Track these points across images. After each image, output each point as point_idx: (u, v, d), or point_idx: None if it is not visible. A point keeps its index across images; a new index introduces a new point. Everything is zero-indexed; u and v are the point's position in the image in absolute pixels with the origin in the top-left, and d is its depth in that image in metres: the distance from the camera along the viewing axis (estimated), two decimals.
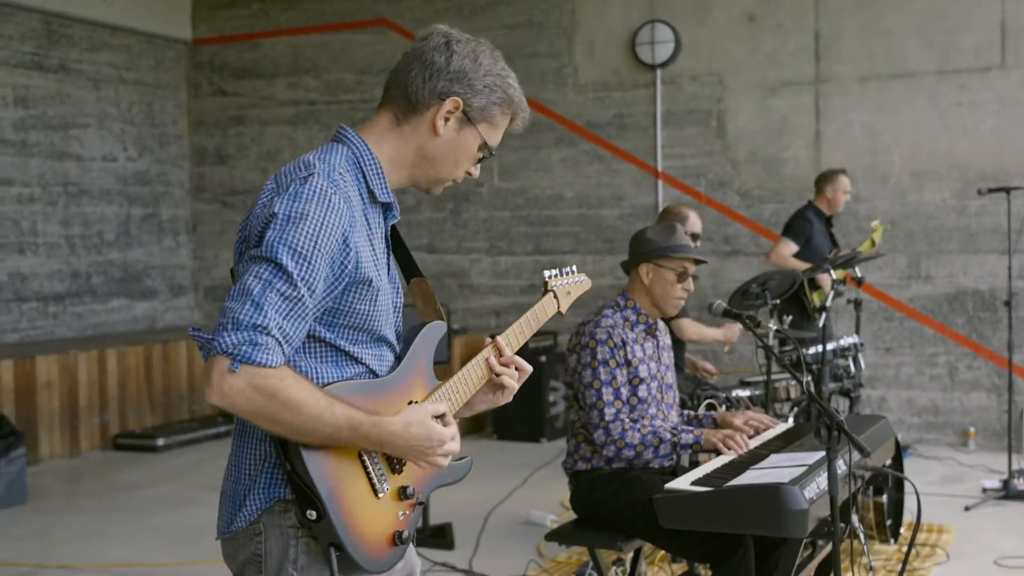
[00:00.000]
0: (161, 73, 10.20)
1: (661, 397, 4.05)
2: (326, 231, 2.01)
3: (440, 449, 2.14)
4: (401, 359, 2.23)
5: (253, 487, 2.11)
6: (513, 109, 2.24)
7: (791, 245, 7.10)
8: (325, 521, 2.02)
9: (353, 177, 2.14)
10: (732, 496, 3.20)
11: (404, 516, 2.16)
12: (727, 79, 8.69)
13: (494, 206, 9.50)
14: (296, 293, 1.98)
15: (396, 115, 2.21)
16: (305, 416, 1.97)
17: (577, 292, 2.70)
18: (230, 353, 1.92)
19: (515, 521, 6.19)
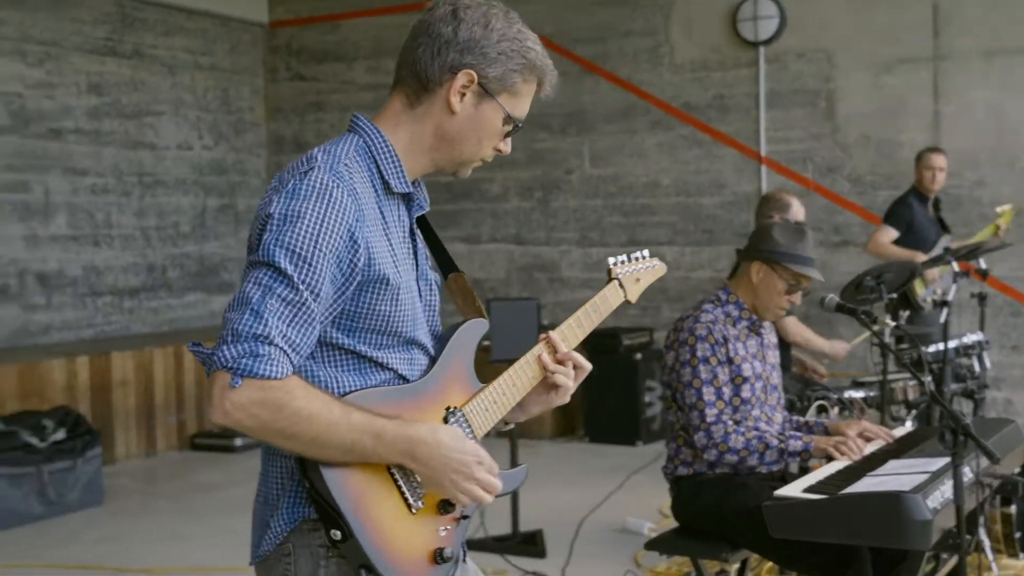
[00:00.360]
0: (237, 58, 10.38)
1: (765, 398, 4.02)
2: (327, 228, 1.95)
3: (477, 466, 2.04)
4: (435, 362, 2.16)
5: (279, 507, 2.07)
6: (537, 74, 2.14)
7: (890, 232, 7.07)
8: (351, 542, 1.96)
9: (365, 167, 2.08)
10: (848, 504, 3.17)
11: (446, 532, 2.09)
12: (836, 56, 8.57)
13: (585, 194, 9.50)
14: (298, 297, 1.92)
15: (408, 96, 2.12)
16: (319, 428, 1.91)
17: (648, 279, 2.60)
18: (230, 367, 1.87)
19: (610, 528, 6.20)
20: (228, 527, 6.40)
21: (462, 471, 2.03)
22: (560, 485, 7.26)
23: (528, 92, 2.15)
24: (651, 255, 2.62)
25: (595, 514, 6.48)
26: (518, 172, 9.71)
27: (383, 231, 2.06)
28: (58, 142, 8.84)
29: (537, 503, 6.53)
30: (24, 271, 8.60)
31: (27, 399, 7.40)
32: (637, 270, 2.56)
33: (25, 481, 6.52)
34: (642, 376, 8.57)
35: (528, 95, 2.16)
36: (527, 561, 5.64)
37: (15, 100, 8.52)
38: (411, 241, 2.17)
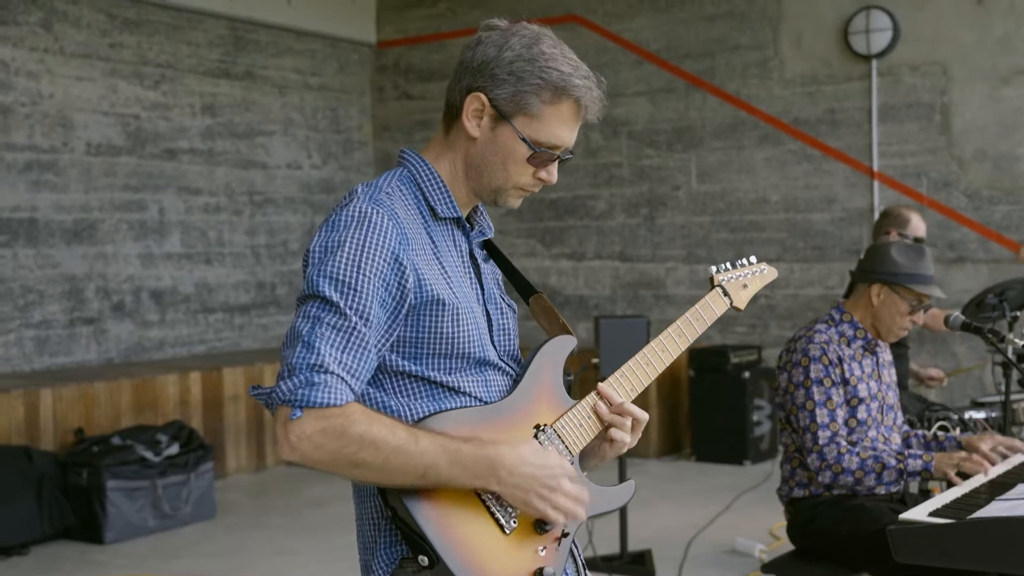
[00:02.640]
0: (345, 77, 10.53)
1: (882, 419, 3.94)
2: (369, 253, 1.93)
3: (564, 479, 1.98)
4: (519, 381, 2.10)
5: (376, 549, 2.03)
6: (561, 95, 2.04)
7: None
8: (440, 567, 1.91)
9: (411, 194, 2.07)
10: (978, 529, 3.06)
11: (546, 551, 2.04)
12: (952, 69, 8.38)
13: (692, 210, 9.42)
14: (348, 323, 1.90)
15: (446, 124, 2.12)
16: (386, 452, 1.87)
17: (757, 284, 2.50)
18: (288, 400, 1.85)
19: (720, 549, 6.11)
20: (340, 543, 6.44)
21: (548, 485, 1.97)
22: (668, 504, 7.18)
23: (557, 115, 2.05)
24: (759, 260, 2.55)
25: (704, 534, 6.39)
26: (624, 189, 9.67)
27: (433, 254, 2.04)
28: (173, 162, 9.04)
29: (645, 522, 6.47)
30: (139, 288, 8.81)
31: (141, 413, 7.57)
32: (743, 276, 2.47)
33: (140, 495, 6.65)
34: (750, 395, 8.44)
35: (558, 118, 2.05)
36: None
37: (132, 122, 8.74)
38: (472, 266, 2.14)
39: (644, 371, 2.24)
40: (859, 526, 3.63)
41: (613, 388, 2.18)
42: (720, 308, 2.40)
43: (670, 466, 8.47)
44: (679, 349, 2.30)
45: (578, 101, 2.06)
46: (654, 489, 7.55)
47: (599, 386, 2.17)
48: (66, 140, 8.30)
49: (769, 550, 5.92)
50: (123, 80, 8.69)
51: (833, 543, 3.75)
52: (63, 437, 7.04)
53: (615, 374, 2.22)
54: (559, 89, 2.04)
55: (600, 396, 2.16)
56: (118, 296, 8.66)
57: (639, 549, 5.94)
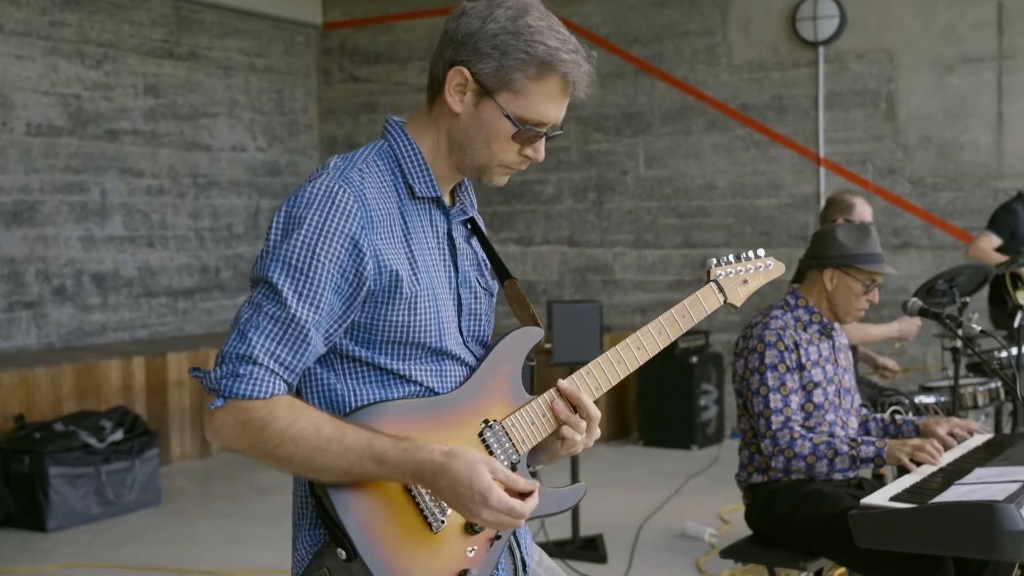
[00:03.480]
0: (291, 59, 10.39)
1: (839, 402, 3.95)
2: (326, 236, 1.87)
3: (482, 507, 1.85)
4: (474, 372, 2.03)
5: (302, 527, 2.01)
6: (547, 70, 1.94)
7: (992, 238, 6.91)
8: (357, 563, 1.86)
9: (388, 171, 1.99)
10: (938, 514, 3.07)
11: (474, 553, 1.97)
12: (898, 56, 8.44)
13: (640, 196, 9.42)
14: (287, 314, 1.85)
15: (429, 99, 2.04)
16: (307, 449, 1.83)
17: (759, 280, 2.39)
18: (213, 388, 1.85)
19: (670, 533, 6.13)
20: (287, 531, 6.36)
21: (469, 507, 1.87)
22: (617, 489, 7.18)
23: (543, 91, 1.96)
24: (766, 255, 2.43)
25: (654, 519, 6.40)
26: (572, 173, 9.65)
27: (403, 238, 1.97)
28: (115, 143, 8.87)
29: (595, 507, 6.46)
30: (81, 272, 8.64)
31: (84, 399, 7.43)
32: (744, 271, 2.36)
33: (84, 482, 6.53)
34: (697, 380, 8.48)
35: (544, 94, 1.97)
36: (588, 566, 5.58)
37: (73, 102, 8.56)
38: (449, 247, 2.07)
39: (614, 369, 2.16)
40: (817, 511, 3.64)
41: (575, 384, 2.10)
42: (712, 305, 2.30)
43: (618, 451, 8.48)
44: (658, 347, 2.21)
45: (565, 77, 1.97)
46: (603, 474, 7.55)
47: (559, 383, 2.08)
48: (5, 120, 8.10)
49: (719, 534, 5.95)
50: (64, 59, 8.50)
51: (791, 528, 3.76)
52: (3, 424, 6.88)
53: (580, 370, 2.13)
54: (545, 64, 1.95)
55: (559, 393, 2.07)
56: (59, 280, 8.48)
57: (590, 534, 5.93)
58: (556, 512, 2.09)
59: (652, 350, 2.19)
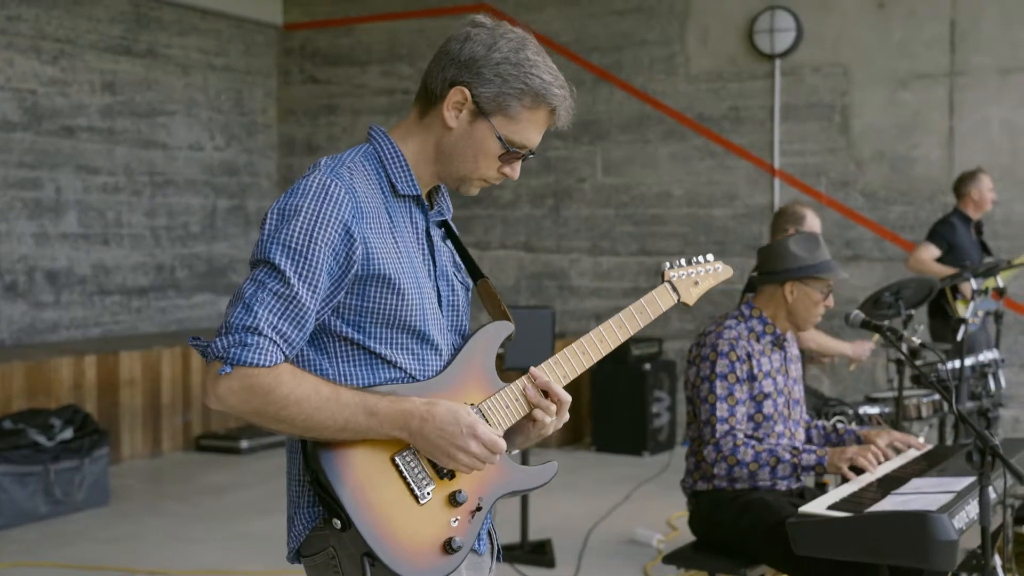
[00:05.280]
0: (250, 59, 10.37)
1: (788, 413, 4.01)
2: (322, 222, 2.05)
3: (471, 439, 2.08)
4: (451, 362, 2.22)
5: (300, 505, 2.17)
6: (542, 102, 2.17)
7: (932, 250, 7.05)
8: (352, 531, 2.04)
9: (373, 170, 2.18)
10: (874, 523, 3.14)
11: (458, 522, 2.14)
12: (852, 71, 8.55)
13: (597, 203, 9.47)
14: (290, 291, 2.03)
15: (420, 108, 2.23)
16: (309, 410, 2.02)
17: (709, 282, 2.59)
18: (220, 356, 2.01)
19: (619, 539, 6.17)
20: (235, 530, 6.37)
21: (455, 443, 2.08)
22: (568, 494, 7.22)
23: (532, 120, 2.18)
24: (715, 259, 2.62)
25: (603, 524, 6.45)
26: (530, 179, 9.69)
27: (389, 230, 2.15)
28: (71, 140, 8.82)
29: (545, 512, 6.50)
30: (33, 268, 8.58)
31: (34, 397, 7.37)
32: (695, 273, 2.56)
33: (32, 480, 6.49)
34: (650, 386, 8.54)
35: (533, 122, 2.19)
36: (536, 571, 5.61)
37: (29, 97, 8.50)
38: (427, 243, 2.24)
39: (579, 359, 2.34)
40: (759, 519, 3.69)
41: (544, 372, 2.28)
42: (666, 303, 2.48)
43: (570, 456, 8.52)
44: (618, 340, 2.38)
45: (554, 109, 2.19)
46: (555, 479, 7.55)
47: (531, 369, 2.27)
48: None
49: (667, 540, 6.00)
50: (20, 54, 8.44)
51: (734, 535, 3.81)
52: None
53: (550, 359, 2.31)
54: (540, 96, 2.17)
55: (531, 378, 2.26)
56: (11, 276, 8.42)
57: (539, 539, 5.96)
58: (529, 488, 2.30)
59: (613, 343, 2.38)
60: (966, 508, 3.18)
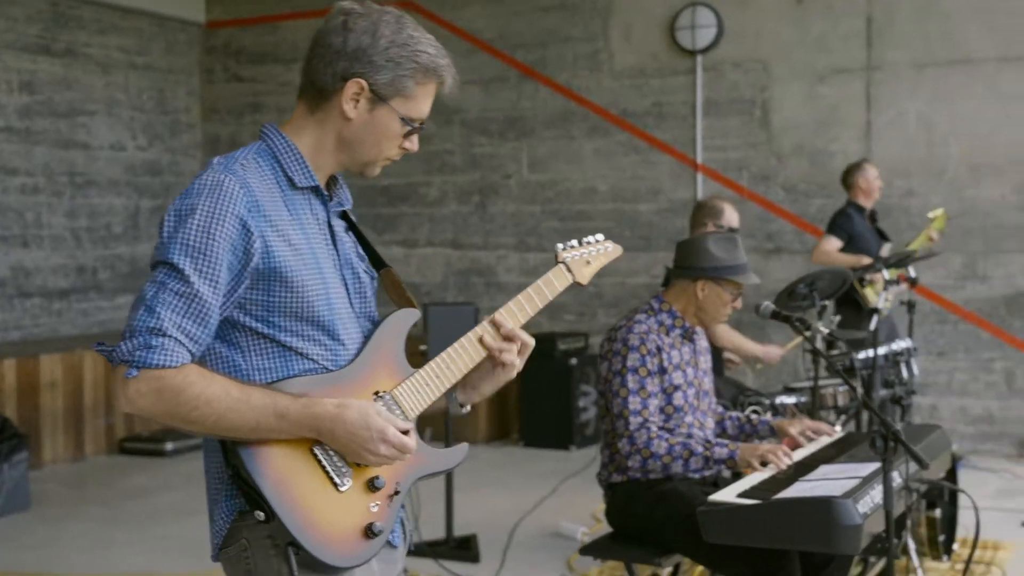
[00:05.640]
0: (173, 58, 10.26)
1: (698, 404, 4.07)
2: (219, 219, 2.07)
3: (380, 443, 2.12)
4: (361, 351, 2.25)
5: (219, 501, 2.18)
6: (432, 75, 2.23)
7: (834, 241, 7.21)
8: (276, 521, 2.07)
9: (268, 166, 2.19)
10: (781, 510, 3.20)
11: (377, 508, 2.18)
12: (772, 66, 8.67)
13: (523, 199, 9.51)
14: (191, 290, 2.04)
15: (309, 104, 2.24)
16: (219, 411, 2.04)
17: (600, 261, 2.62)
18: (126, 360, 2.01)
19: (544, 533, 6.21)
20: (159, 533, 6.31)
21: (365, 447, 2.12)
22: (495, 489, 7.25)
23: (426, 93, 2.25)
24: (605, 239, 2.64)
25: (529, 518, 6.48)
26: (456, 176, 9.70)
27: (288, 223, 2.16)
28: None
29: (471, 507, 6.53)
30: None
31: None
32: (587, 253, 2.57)
33: None
34: (577, 381, 8.60)
35: (426, 95, 2.25)
36: (461, 566, 5.63)
37: None
38: (329, 233, 2.26)
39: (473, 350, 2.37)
40: (673, 509, 3.74)
41: (506, 318, 2.36)
42: (562, 283, 2.52)
43: (498, 451, 8.55)
44: (520, 322, 2.41)
45: (443, 80, 2.25)
46: (481, 474, 7.62)
47: (494, 316, 2.35)
48: None
49: (591, 532, 6.04)
50: None
51: (649, 526, 3.86)
52: None
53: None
54: (430, 71, 2.22)
55: (494, 325, 2.34)
56: None
57: (464, 534, 5.98)
58: (443, 470, 2.33)
59: (518, 323, 2.40)
60: (871, 493, 3.25)
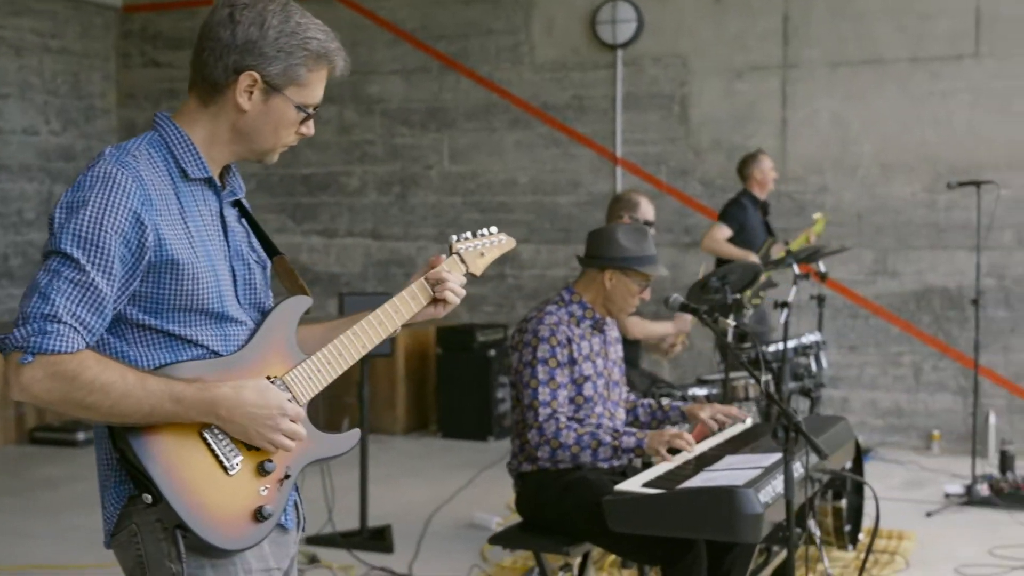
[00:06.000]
0: (88, 42, 10.10)
1: (608, 394, 4.12)
2: (111, 211, 2.06)
3: (281, 418, 2.14)
4: (253, 337, 2.26)
5: (108, 487, 2.18)
6: (322, 61, 2.25)
7: (724, 230, 7.33)
8: (163, 504, 2.07)
9: (160, 157, 2.18)
10: (684, 499, 3.26)
11: (267, 491, 2.19)
12: (691, 62, 8.77)
13: (444, 191, 9.52)
14: (86, 279, 2.03)
15: (201, 97, 2.23)
16: (115, 396, 2.03)
17: (494, 253, 2.66)
18: (20, 346, 2.00)
19: (459, 524, 6.24)
20: (71, 523, 6.23)
21: (267, 424, 2.14)
22: (412, 480, 7.27)
23: (318, 79, 2.26)
24: (499, 231, 2.69)
25: (444, 509, 6.51)
26: (377, 167, 9.68)
27: (179, 214, 2.16)
28: None
29: (387, 498, 6.54)
30: None
31: None
32: (482, 245, 2.62)
33: None
34: (495, 373, 8.63)
35: (319, 81, 2.26)
36: (375, 556, 5.63)
37: None
38: (221, 224, 2.26)
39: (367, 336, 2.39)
40: (581, 498, 3.78)
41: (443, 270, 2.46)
42: (457, 273, 2.53)
43: (416, 443, 8.56)
44: (412, 311, 2.45)
45: (334, 64, 2.27)
46: (399, 465, 7.63)
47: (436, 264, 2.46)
48: None
49: (505, 523, 6.08)
50: None
51: (558, 515, 3.89)
52: None
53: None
54: (321, 56, 2.24)
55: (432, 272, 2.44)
56: None
57: (379, 525, 5.99)
58: (334, 456, 2.33)
59: (407, 315, 2.44)
60: (773, 483, 3.33)
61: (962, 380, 8.14)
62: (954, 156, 8.14)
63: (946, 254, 8.21)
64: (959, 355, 8.14)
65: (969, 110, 8.12)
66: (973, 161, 8.06)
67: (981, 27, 8.05)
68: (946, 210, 8.19)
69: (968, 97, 8.12)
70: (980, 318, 6.99)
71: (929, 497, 6.70)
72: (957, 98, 8.14)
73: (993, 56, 8.04)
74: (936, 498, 6.66)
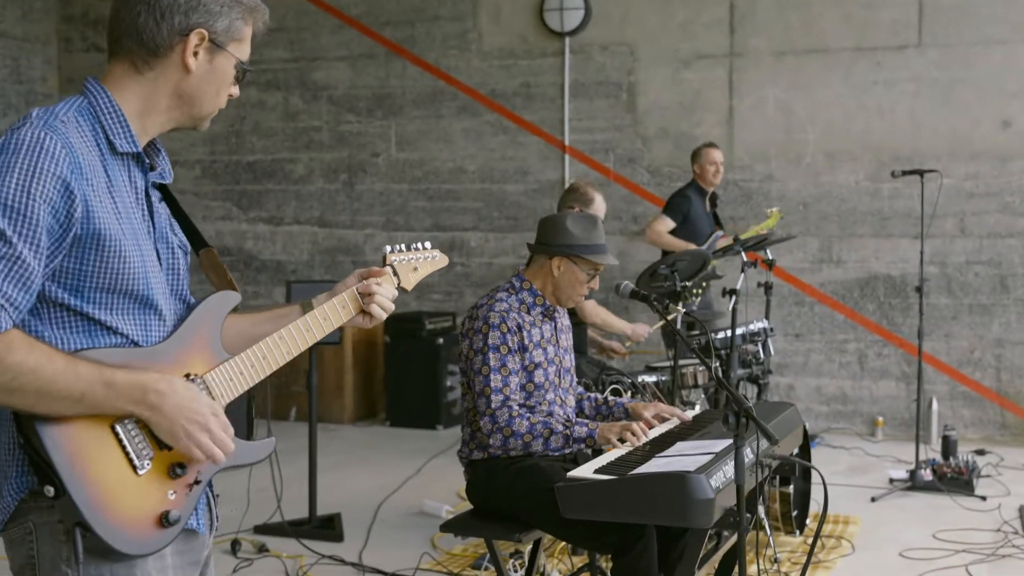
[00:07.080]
0: (28, 25, 9.92)
1: (559, 382, 4.12)
2: (39, 178, 1.93)
3: (212, 418, 2.06)
4: (176, 329, 2.17)
5: (9, 476, 2.04)
6: (256, 15, 2.24)
7: (667, 222, 7.39)
8: (65, 498, 1.95)
9: (89, 126, 2.07)
10: (636, 485, 3.26)
11: (175, 495, 2.09)
12: (639, 50, 8.79)
13: (391, 178, 9.47)
14: (13, 252, 1.91)
15: (135, 63, 2.13)
16: (43, 380, 1.91)
17: (426, 269, 2.65)
18: None
19: (408, 512, 6.22)
20: None
21: (197, 421, 2.04)
22: (360, 469, 7.24)
23: (249, 35, 2.25)
24: (433, 247, 2.67)
25: (394, 498, 6.48)
26: (324, 154, 9.61)
27: (107, 189, 2.05)
28: None
29: (336, 487, 6.51)
30: None
31: None
32: (415, 259, 2.61)
33: None
34: (444, 361, 8.61)
35: (250, 36, 2.25)
36: (324, 545, 5.60)
37: None
38: (147, 204, 2.17)
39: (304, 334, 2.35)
40: (532, 485, 3.78)
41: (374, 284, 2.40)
42: (388, 286, 2.48)
43: (365, 431, 8.53)
44: (341, 320, 2.41)
45: (259, 17, 2.25)
46: (347, 454, 7.59)
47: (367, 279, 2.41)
48: None
49: (455, 511, 6.07)
50: None
51: (509, 502, 3.89)
52: None
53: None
54: (252, 10, 2.22)
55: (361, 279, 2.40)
56: None
57: (328, 513, 5.96)
58: (248, 463, 2.24)
59: (336, 323, 2.41)
60: (723, 468, 3.34)
61: (905, 367, 8.25)
62: (898, 145, 8.23)
63: (890, 242, 8.30)
64: (903, 342, 8.25)
65: (912, 99, 8.21)
66: (916, 150, 8.16)
67: (924, 17, 8.15)
68: (890, 199, 8.28)
69: (911, 87, 8.21)
70: (924, 306, 7.07)
71: (874, 482, 6.78)
72: (900, 87, 8.23)
73: (935, 46, 8.14)
74: (881, 483, 6.74)
